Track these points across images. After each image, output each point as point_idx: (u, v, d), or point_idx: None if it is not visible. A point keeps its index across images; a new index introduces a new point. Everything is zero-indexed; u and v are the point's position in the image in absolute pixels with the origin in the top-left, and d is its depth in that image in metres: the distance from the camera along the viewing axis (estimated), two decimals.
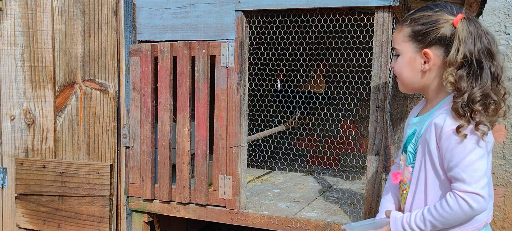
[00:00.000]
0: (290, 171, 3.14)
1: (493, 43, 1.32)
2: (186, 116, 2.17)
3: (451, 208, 1.29)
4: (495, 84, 1.30)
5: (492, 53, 1.31)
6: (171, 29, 2.21)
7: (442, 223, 1.32)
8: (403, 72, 1.45)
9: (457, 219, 1.31)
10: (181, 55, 2.17)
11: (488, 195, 1.29)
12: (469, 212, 1.28)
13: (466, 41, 1.29)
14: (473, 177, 1.27)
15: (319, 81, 2.86)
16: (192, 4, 2.15)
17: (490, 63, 1.30)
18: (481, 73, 1.29)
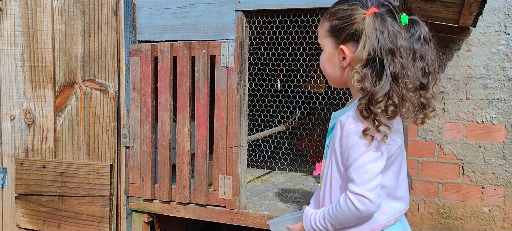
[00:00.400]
0: (290, 171, 3.14)
1: (396, 41, 1.22)
2: (186, 116, 2.17)
3: (342, 208, 1.27)
4: (395, 84, 1.21)
5: (393, 51, 1.22)
6: (171, 29, 2.21)
7: (338, 223, 1.31)
8: (326, 68, 1.41)
9: (349, 220, 1.28)
10: (181, 55, 2.17)
11: (378, 197, 1.24)
12: (357, 214, 1.25)
13: (370, 38, 1.22)
14: (362, 178, 1.23)
15: (319, 81, 2.86)
16: (192, 4, 2.15)
17: (391, 61, 1.21)
18: (382, 72, 1.21)
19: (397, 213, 1.36)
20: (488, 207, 2.97)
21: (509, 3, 2.86)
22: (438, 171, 3.08)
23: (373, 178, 1.23)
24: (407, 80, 1.23)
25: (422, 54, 1.32)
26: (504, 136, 2.91)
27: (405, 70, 1.23)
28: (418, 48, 1.32)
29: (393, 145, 1.29)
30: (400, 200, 1.38)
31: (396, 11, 1.31)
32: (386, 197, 1.33)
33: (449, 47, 3.02)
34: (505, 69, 2.88)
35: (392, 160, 1.32)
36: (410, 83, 1.25)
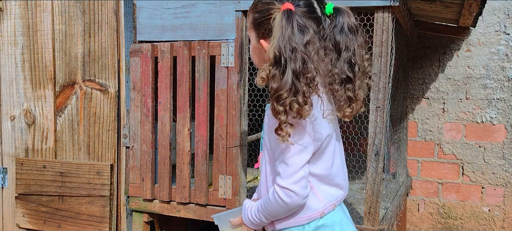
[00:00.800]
0: None
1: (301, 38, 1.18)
2: (186, 116, 2.18)
3: (271, 202, 1.28)
4: (298, 82, 1.17)
5: (295, 49, 1.17)
6: (171, 29, 2.21)
7: (270, 215, 1.31)
8: (253, 59, 1.40)
9: (278, 212, 1.29)
10: (181, 55, 2.17)
11: (304, 189, 1.24)
12: (284, 206, 1.25)
13: (276, 36, 1.19)
14: (286, 171, 1.23)
15: None
16: (192, 4, 2.15)
17: (293, 59, 1.17)
18: (285, 71, 1.18)
19: (334, 199, 1.37)
20: (488, 207, 2.97)
21: (509, 3, 2.86)
22: (438, 171, 3.09)
23: (297, 170, 1.23)
24: (309, 75, 1.19)
25: (347, 45, 1.27)
26: (503, 136, 2.91)
27: (309, 67, 1.18)
28: (341, 39, 1.27)
29: (320, 135, 1.27)
30: (337, 187, 1.38)
31: (318, 1, 1.28)
32: (321, 184, 1.33)
33: (449, 47, 3.02)
34: (505, 69, 2.88)
35: (323, 149, 1.30)
36: (317, 79, 1.21)
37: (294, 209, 1.28)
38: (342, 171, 1.40)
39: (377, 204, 1.87)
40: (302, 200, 1.26)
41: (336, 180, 1.37)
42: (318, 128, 1.26)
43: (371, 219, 1.88)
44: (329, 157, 1.33)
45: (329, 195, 1.35)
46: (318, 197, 1.33)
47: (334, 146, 1.35)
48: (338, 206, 1.40)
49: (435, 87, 3.06)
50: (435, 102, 3.06)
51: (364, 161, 2.07)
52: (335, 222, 1.36)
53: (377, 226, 1.88)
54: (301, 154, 1.24)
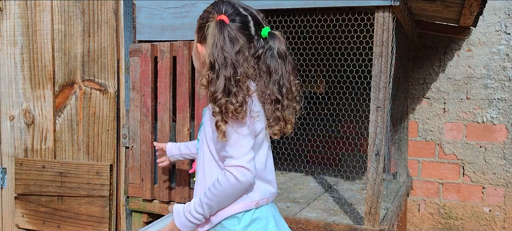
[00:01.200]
0: (290, 171, 3.13)
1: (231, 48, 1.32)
2: (186, 116, 2.17)
3: (221, 184, 1.33)
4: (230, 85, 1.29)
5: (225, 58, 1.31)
6: (170, 29, 2.20)
7: (216, 203, 1.35)
8: (195, 63, 1.52)
9: (228, 195, 1.35)
10: (180, 55, 2.16)
11: (254, 169, 1.34)
12: (237, 185, 1.32)
13: (209, 43, 1.33)
14: (239, 152, 1.32)
15: (319, 81, 2.85)
16: (192, 4, 2.15)
17: (224, 68, 1.30)
18: (218, 76, 1.30)
19: (268, 194, 1.45)
20: (489, 207, 2.96)
21: (509, 3, 2.85)
22: (438, 171, 3.08)
23: (248, 151, 1.34)
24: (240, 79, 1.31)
25: (276, 69, 1.40)
26: (504, 136, 2.90)
27: (239, 73, 1.31)
28: (272, 63, 1.40)
29: (255, 128, 1.37)
30: (269, 183, 1.47)
31: (256, 22, 1.41)
32: (257, 178, 1.40)
33: (449, 47, 3.02)
34: (506, 69, 2.88)
35: (259, 144, 1.41)
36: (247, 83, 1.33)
37: (245, 189, 1.36)
38: (272, 171, 1.50)
39: (378, 204, 1.86)
40: (253, 179, 1.35)
41: (269, 177, 1.47)
42: (256, 122, 1.37)
43: (371, 220, 1.88)
44: (264, 153, 1.44)
45: (264, 189, 1.43)
46: (254, 188, 1.40)
47: (267, 144, 1.46)
48: (271, 202, 1.48)
49: (436, 87, 3.05)
50: (435, 102, 3.06)
51: (365, 161, 2.06)
52: (269, 216, 1.43)
53: (378, 227, 1.87)
54: (247, 138, 1.34)
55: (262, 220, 1.40)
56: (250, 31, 1.39)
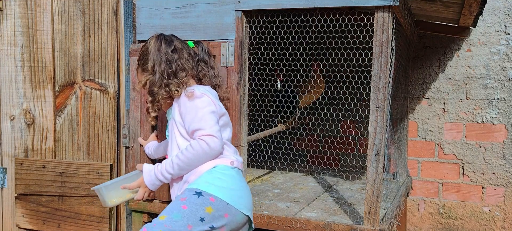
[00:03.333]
0: (290, 171, 3.13)
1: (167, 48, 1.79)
2: None
3: (194, 148, 1.63)
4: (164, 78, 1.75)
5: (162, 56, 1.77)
6: (171, 29, 2.20)
7: (187, 164, 1.65)
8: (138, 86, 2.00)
9: (198, 158, 1.64)
10: None
11: (221, 138, 1.67)
12: (208, 150, 1.63)
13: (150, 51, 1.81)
14: (208, 124, 1.64)
15: (319, 81, 2.86)
16: (192, 4, 2.15)
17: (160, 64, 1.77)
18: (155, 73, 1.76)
19: (236, 162, 1.75)
20: (488, 207, 2.97)
21: (509, 3, 2.86)
22: (438, 171, 3.08)
23: (215, 124, 1.67)
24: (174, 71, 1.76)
25: (212, 65, 1.88)
26: (504, 136, 2.91)
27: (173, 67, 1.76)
28: (207, 59, 1.86)
29: (221, 109, 1.76)
30: (237, 154, 1.82)
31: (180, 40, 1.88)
32: (229, 147, 1.78)
33: (449, 47, 3.02)
34: (505, 69, 2.88)
35: (225, 123, 1.78)
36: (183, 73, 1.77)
37: (213, 156, 1.66)
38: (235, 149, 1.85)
39: (377, 204, 1.86)
40: (220, 147, 1.66)
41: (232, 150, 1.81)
42: (218, 106, 1.73)
43: (371, 219, 1.88)
44: (228, 132, 1.81)
45: (233, 156, 1.75)
46: (225, 154, 1.74)
47: (230, 128, 1.84)
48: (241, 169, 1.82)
49: (436, 87, 3.05)
50: (435, 102, 3.06)
51: (364, 161, 2.07)
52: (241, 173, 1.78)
53: (377, 226, 1.87)
54: (213, 115, 1.68)
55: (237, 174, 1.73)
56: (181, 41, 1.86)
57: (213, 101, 1.71)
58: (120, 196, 1.73)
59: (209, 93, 1.74)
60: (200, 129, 1.63)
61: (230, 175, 1.69)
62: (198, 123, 1.64)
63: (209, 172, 1.66)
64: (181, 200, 1.59)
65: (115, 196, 1.72)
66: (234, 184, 1.67)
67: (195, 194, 1.59)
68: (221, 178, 1.65)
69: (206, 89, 1.76)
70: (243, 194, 1.70)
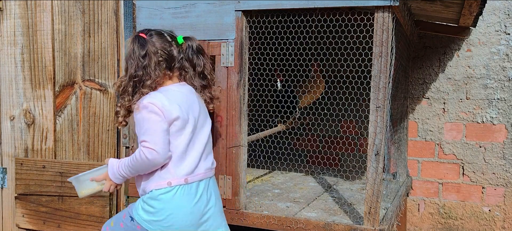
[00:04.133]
0: (290, 171, 3.13)
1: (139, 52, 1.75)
2: None
3: (136, 158, 1.68)
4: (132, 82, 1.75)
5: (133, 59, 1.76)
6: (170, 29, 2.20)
7: (134, 169, 1.72)
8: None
9: (141, 167, 1.69)
10: None
11: (163, 151, 1.65)
12: (146, 161, 1.66)
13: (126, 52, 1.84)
14: (149, 136, 1.66)
15: (319, 81, 2.86)
16: (192, 4, 2.15)
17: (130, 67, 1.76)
18: (127, 72, 1.78)
19: (184, 175, 1.72)
20: (488, 207, 2.97)
21: (509, 3, 2.86)
22: (438, 171, 3.08)
23: (157, 135, 1.66)
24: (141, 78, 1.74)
25: (199, 63, 1.82)
26: (504, 136, 2.90)
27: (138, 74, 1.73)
28: (192, 57, 1.81)
29: (170, 115, 1.68)
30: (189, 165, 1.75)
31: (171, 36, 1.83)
32: (172, 161, 1.71)
33: (449, 47, 3.02)
34: (505, 69, 2.88)
35: (179, 128, 1.70)
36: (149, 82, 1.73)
37: (155, 165, 1.68)
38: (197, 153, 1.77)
39: (377, 204, 1.86)
40: (161, 159, 1.66)
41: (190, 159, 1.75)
42: (167, 112, 1.67)
43: (371, 219, 1.88)
44: (184, 138, 1.72)
45: (179, 171, 1.72)
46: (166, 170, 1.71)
47: (192, 131, 1.74)
48: (206, 179, 1.79)
49: (436, 87, 3.05)
50: (435, 102, 3.06)
51: (364, 161, 2.06)
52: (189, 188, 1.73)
53: (377, 226, 1.87)
54: (156, 125, 1.66)
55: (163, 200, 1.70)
56: (167, 38, 1.80)
57: (160, 110, 1.66)
58: (90, 188, 1.82)
59: (159, 100, 1.68)
60: (143, 140, 1.67)
61: (164, 201, 1.70)
62: (142, 135, 1.67)
63: (146, 198, 1.73)
64: (123, 217, 1.80)
65: (85, 187, 1.82)
66: (163, 213, 1.69)
67: (130, 217, 1.75)
68: (149, 210, 1.71)
69: (157, 97, 1.70)
70: (176, 220, 1.69)
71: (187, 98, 1.77)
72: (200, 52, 1.84)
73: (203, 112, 1.83)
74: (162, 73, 1.77)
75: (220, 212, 1.85)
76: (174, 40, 1.82)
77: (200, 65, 1.82)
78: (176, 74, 1.82)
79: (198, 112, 1.79)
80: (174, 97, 1.73)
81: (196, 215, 1.73)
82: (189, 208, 1.71)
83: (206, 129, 1.83)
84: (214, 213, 1.80)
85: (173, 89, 1.77)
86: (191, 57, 1.81)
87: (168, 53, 1.79)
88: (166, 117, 1.67)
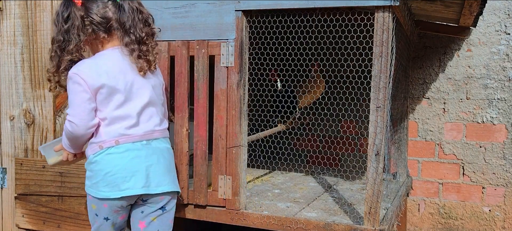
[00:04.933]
0: (290, 171, 3.13)
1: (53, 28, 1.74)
2: (184, 117, 2.17)
3: (64, 130, 1.76)
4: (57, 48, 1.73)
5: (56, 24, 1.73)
6: (171, 29, 2.20)
7: (66, 140, 1.79)
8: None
9: (69, 138, 1.76)
10: (179, 55, 2.16)
11: (81, 122, 1.68)
12: (69, 133, 1.73)
13: None
14: (71, 108, 1.70)
15: (319, 81, 2.85)
16: (191, 4, 2.15)
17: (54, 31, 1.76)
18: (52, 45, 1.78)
19: (117, 135, 1.73)
20: (489, 207, 2.97)
21: (509, 3, 2.85)
22: (438, 171, 3.08)
23: (78, 106, 1.68)
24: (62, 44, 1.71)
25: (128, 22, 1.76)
26: (504, 136, 2.90)
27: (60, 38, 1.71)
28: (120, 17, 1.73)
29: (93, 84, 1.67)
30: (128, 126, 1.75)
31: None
32: (105, 125, 1.73)
33: (449, 47, 3.02)
34: (506, 69, 2.88)
35: (105, 97, 1.70)
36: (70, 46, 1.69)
37: (78, 136, 1.72)
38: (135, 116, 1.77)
39: (378, 204, 1.86)
40: (81, 131, 1.69)
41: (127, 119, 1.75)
42: (91, 81, 1.67)
43: (371, 220, 1.88)
44: (115, 103, 1.72)
45: (112, 132, 1.73)
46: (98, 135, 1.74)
47: (123, 96, 1.73)
48: (145, 140, 1.79)
49: (436, 87, 3.05)
50: (435, 102, 3.06)
51: (365, 161, 2.06)
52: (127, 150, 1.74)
53: (378, 227, 1.87)
54: (78, 96, 1.67)
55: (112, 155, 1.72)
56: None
57: (83, 79, 1.66)
58: (55, 157, 1.90)
59: (82, 70, 1.67)
60: (67, 113, 1.72)
61: (98, 162, 1.73)
62: (68, 106, 1.73)
63: (86, 164, 1.79)
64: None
65: (52, 156, 1.90)
66: (98, 175, 1.73)
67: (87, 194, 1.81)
68: (89, 175, 1.77)
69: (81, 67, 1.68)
70: (113, 179, 1.72)
71: (119, 64, 1.74)
72: (136, 9, 1.78)
73: (139, 77, 1.79)
74: (91, 38, 1.73)
75: (164, 171, 1.84)
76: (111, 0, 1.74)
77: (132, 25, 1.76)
78: (115, 37, 1.76)
79: (132, 77, 1.76)
80: (104, 63, 1.71)
81: (133, 169, 1.74)
82: (122, 164, 1.72)
83: (146, 92, 1.80)
84: (156, 171, 1.80)
85: (106, 54, 1.75)
86: (119, 18, 1.73)
87: (102, 16, 1.71)
88: (90, 86, 1.67)
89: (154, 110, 1.84)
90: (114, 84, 1.70)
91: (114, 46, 1.77)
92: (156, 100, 1.85)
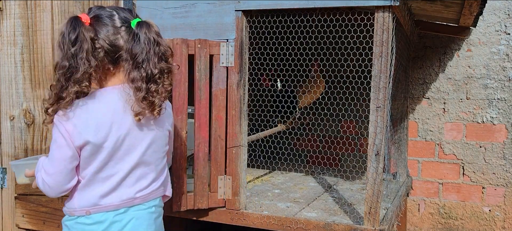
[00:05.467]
0: (290, 171, 3.13)
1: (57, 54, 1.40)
2: (183, 118, 2.13)
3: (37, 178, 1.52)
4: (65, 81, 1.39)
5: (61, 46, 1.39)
6: (171, 29, 2.20)
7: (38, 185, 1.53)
8: None
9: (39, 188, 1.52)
10: (178, 55, 2.15)
11: (56, 186, 1.44)
12: (40, 187, 1.49)
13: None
14: (48, 163, 1.46)
15: (319, 81, 2.85)
16: (192, 4, 2.15)
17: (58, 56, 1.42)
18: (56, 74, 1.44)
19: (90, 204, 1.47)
20: (489, 207, 2.97)
21: (509, 3, 2.85)
22: (438, 171, 3.08)
23: (55, 165, 1.43)
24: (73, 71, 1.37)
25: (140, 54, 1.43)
26: (504, 136, 2.90)
27: (64, 64, 1.37)
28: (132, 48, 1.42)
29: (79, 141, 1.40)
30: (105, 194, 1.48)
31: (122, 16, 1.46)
32: (80, 189, 1.47)
33: (449, 47, 3.02)
34: (506, 69, 2.88)
35: (89, 155, 1.43)
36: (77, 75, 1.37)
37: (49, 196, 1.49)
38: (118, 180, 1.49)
39: (378, 204, 1.86)
40: (53, 193, 1.46)
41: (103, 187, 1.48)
42: (75, 137, 1.40)
43: (371, 220, 1.88)
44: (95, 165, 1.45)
45: (87, 199, 1.47)
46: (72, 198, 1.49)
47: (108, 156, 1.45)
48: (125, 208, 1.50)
49: (436, 87, 3.05)
50: (435, 102, 3.06)
51: (365, 161, 2.06)
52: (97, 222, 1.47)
53: (378, 227, 1.87)
54: (57, 152, 1.42)
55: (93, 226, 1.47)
56: (114, 22, 1.43)
57: (68, 132, 1.40)
58: (25, 179, 1.70)
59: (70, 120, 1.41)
60: (43, 166, 1.48)
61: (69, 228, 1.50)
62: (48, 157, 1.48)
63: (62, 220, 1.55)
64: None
65: (22, 177, 1.69)
66: None
67: None
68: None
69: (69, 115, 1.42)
70: None
71: (113, 113, 1.44)
72: (152, 40, 1.44)
73: (136, 129, 1.48)
74: (102, 65, 1.43)
75: None
76: (125, 25, 1.45)
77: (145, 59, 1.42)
78: (122, 70, 1.46)
79: (126, 130, 1.46)
80: (97, 111, 1.42)
81: None
82: None
83: (138, 150, 1.49)
84: None
85: (101, 97, 1.45)
86: (135, 51, 1.42)
87: (111, 43, 1.43)
88: (74, 142, 1.40)
89: (145, 171, 1.54)
90: (101, 141, 1.42)
91: (115, 85, 1.48)
92: (149, 160, 1.53)
